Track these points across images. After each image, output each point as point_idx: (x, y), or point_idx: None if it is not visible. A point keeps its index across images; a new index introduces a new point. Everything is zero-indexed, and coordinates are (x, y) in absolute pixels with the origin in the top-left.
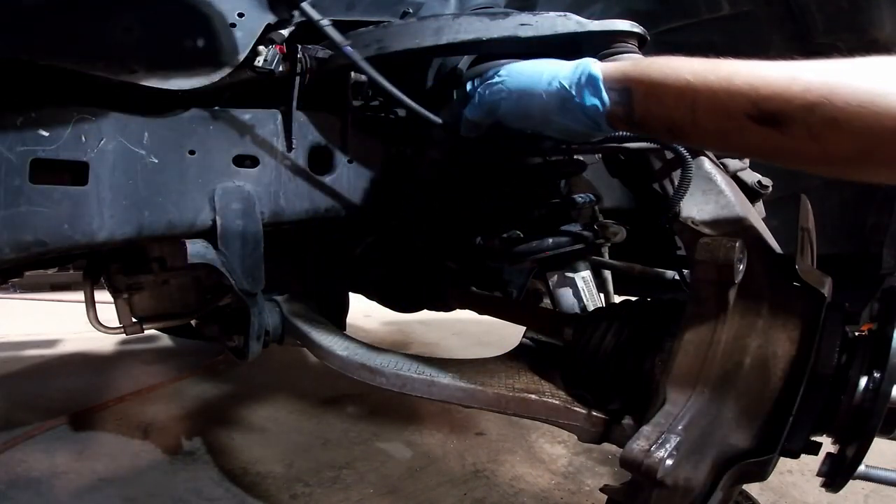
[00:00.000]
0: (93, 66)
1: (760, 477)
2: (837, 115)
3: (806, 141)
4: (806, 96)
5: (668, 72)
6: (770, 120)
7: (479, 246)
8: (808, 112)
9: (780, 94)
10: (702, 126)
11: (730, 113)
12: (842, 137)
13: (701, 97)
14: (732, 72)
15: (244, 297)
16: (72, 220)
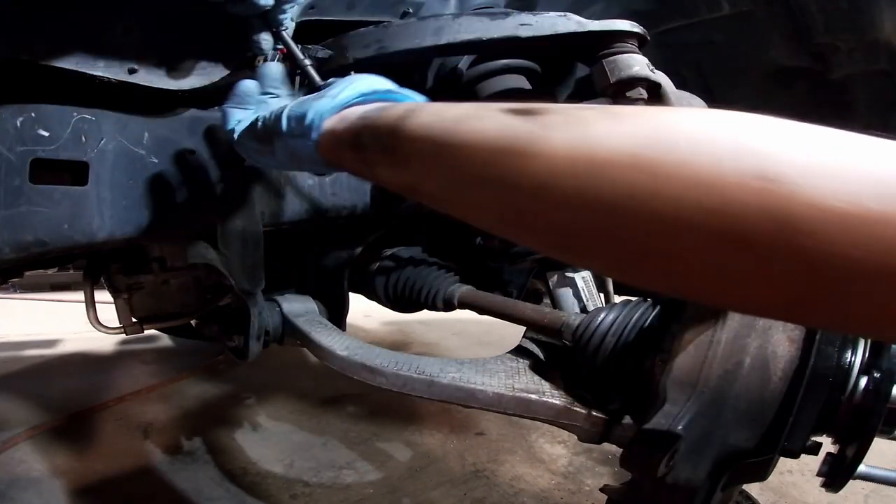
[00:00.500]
0: (93, 66)
1: (760, 477)
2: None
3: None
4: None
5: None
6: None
7: (479, 246)
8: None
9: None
10: (448, 112)
11: (489, 105)
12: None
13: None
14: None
15: (244, 297)
16: (72, 220)
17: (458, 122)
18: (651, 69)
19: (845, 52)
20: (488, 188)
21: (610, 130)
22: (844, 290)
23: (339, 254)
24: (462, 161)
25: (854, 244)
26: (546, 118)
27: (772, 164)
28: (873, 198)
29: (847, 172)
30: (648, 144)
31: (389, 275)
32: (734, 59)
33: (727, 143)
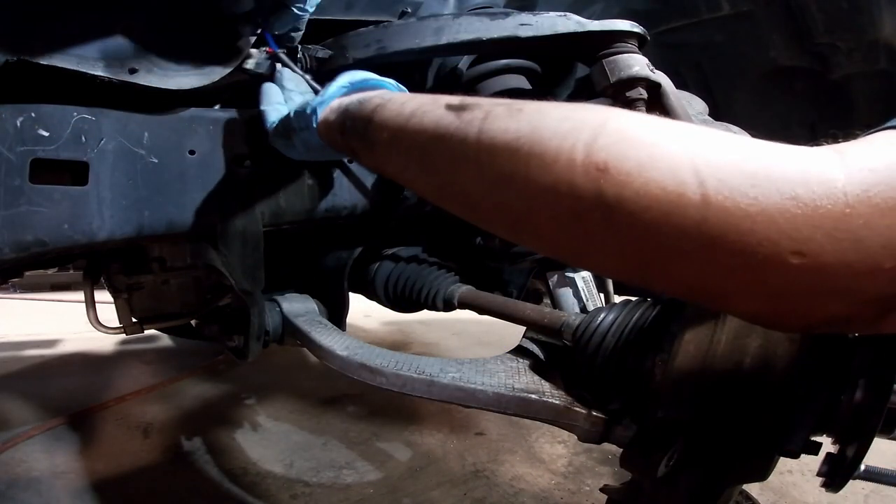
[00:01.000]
0: (93, 66)
1: (760, 477)
2: (525, 108)
3: (475, 122)
4: (496, 101)
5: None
6: (460, 106)
7: (479, 246)
8: (496, 105)
9: (485, 99)
10: (405, 108)
11: (436, 100)
12: (508, 123)
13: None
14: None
15: (244, 297)
16: (72, 220)
17: (409, 116)
18: (651, 69)
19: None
20: (427, 168)
21: (507, 125)
22: (664, 259)
23: (339, 254)
24: (410, 147)
25: (666, 223)
26: (468, 114)
27: (607, 157)
28: (680, 186)
29: (663, 161)
30: (529, 135)
31: (389, 275)
32: (734, 59)
33: (581, 137)
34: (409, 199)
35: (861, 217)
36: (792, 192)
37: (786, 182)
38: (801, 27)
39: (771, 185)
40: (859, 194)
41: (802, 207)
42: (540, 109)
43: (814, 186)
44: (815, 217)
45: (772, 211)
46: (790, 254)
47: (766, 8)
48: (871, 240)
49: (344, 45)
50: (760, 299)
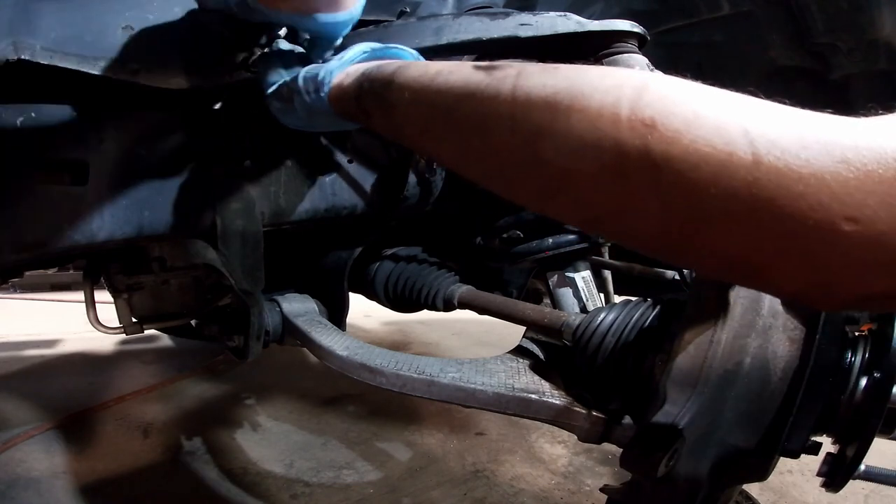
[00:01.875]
0: (94, 66)
1: (760, 477)
2: (560, 67)
3: (508, 79)
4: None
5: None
6: (489, 67)
7: (479, 246)
8: (528, 65)
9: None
10: (429, 69)
11: (462, 62)
12: (544, 78)
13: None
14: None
15: (244, 297)
16: (72, 220)
17: (435, 75)
18: (651, 69)
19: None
20: (453, 127)
21: (543, 81)
22: (709, 222)
23: (339, 254)
24: (434, 105)
25: (714, 182)
26: (499, 72)
27: (655, 113)
28: (729, 145)
29: (717, 124)
30: (568, 90)
31: (389, 275)
32: (734, 59)
33: (625, 94)
34: (409, 199)
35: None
36: (843, 155)
37: (836, 145)
38: (801, 27)
39: (822, 148)
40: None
41: (855, 171)
42: (577, 68)
43: (864, 151)
44: (868, 182)
45: (824, 174)
46: (843, 220)
47: (766, 8)
48: None
49: (344, 46)
50: (806, 271)
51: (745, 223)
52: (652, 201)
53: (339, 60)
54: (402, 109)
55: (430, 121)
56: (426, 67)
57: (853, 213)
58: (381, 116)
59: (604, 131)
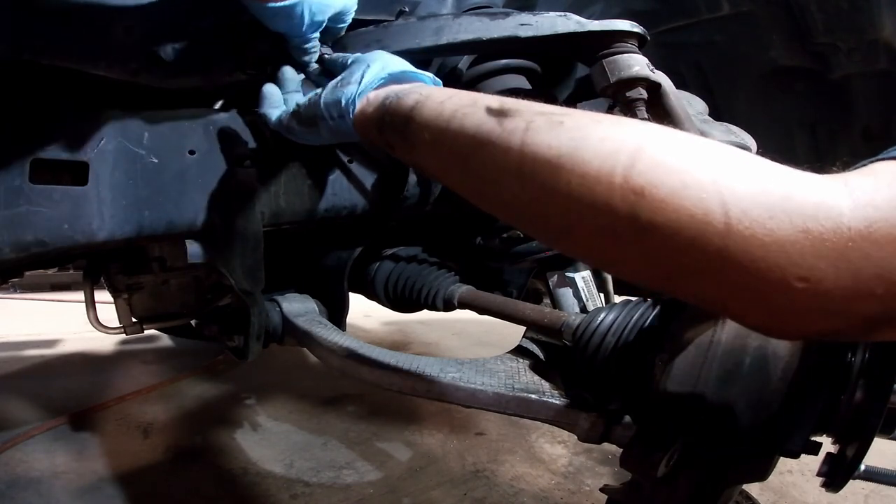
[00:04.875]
0: (94, 66)
1: (760, 477)
2: (566, 121)
3: (517, 132)
4: (550, 109)
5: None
6: (501, 111)
7: (479, 246)
8: (537, 114)
9: (523, 103)
10: (444, 108)
11: (475, 101)
12: (552, 134)
13: (468, 95)
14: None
15: (244, 297)
16: (72, 220)
17: (450, 118)
18: (651, 69)
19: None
20: (469, 175)
21: (549, 141)
22: (687, 274)
23: (339, 254)
24: (451, 151)
25: (691, 245)
26: (509, 122)
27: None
28: (707, 215)
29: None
30: (571, 154)
31: (389, 275)
32: (734, 59)
33: (621, 161)
34: (409, 199)
35: (861, 250)
36: (804, 224)
37: (800, 215)
38: (801, 27)
39: (786, 218)
40: (861, 229)
41: (811, 240)
42: (580, 126)
43: (823, 220)
44: (821, 249)
45: (784, 241)
46: (796, 279)
47: (766, 8)
48: (866, 270)
49: (344, 46)
50: (764, 314)
51: (715, 278)
52: (639, 255)
53: (357, 86)
54: (421, 149)
55: (449, 165)
56: (441, 105)
57: (805, 274)
58: (403, 151)
59: (599, 197)
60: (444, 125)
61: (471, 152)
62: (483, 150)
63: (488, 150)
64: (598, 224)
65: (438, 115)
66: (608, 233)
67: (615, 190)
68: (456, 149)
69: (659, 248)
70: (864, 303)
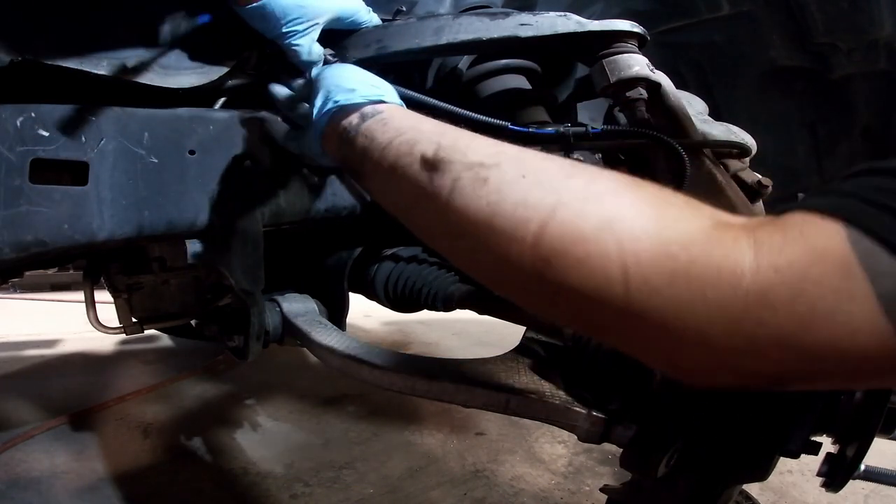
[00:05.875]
0: (95, 65)
1: (760, 477)
2: (490, 177)
3: (444, 191)
4: (480, 158)
5: (410, 114)
6: (433, 165)
7: None
8: (468, 167)
9: (460, 146)
10: (386, 155)
11: (412, 150)
12: (478, 194)
13: (409, 133)
14: (452, 129)
15: (244, 297)
16: (72, 220)
17: (391, 168)
18: (651, 69)
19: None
20: (413, 226)
21: (467, 202)
22: (595, 326)
23: (339, 254)
24: (395, 203)
25: (594, 305)
26: (438, 177)
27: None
28: (609, 281)
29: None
30: (488, 219)
31: (389, 275)
32: (734, 59)
33: (531, 230)
34: None
35: (756, 316)
36: (702, 292)
37: (699, 281)
38: (801, 27)
39: (685, 284)
40: (759, 295)
41: (707, 306)
42: (500, 187)
43: (722, 287)
44: (718, 315)
45: (681, 307)
46: (692, 342)
47: (766, 8)
48: (761, 334)
49: (344, 46)
50: (669, 368)
51: (621, 334)
52: (556, 312)
53: (316, 113)
54: (373, 194)
55: (395, 212)
56: (383, 154)
57: (700, 338)
58: (361, 181)
59: (511, 259)
60: (386, 174)
61: (408, 206)
62: (417, 207)
63: (422, 207)
64: (517, 281)
65: (381, 164)
66: (522, 287)
67: (525, 256)
68: (397, 200)
69: (566, 304)
70: (762, 364)
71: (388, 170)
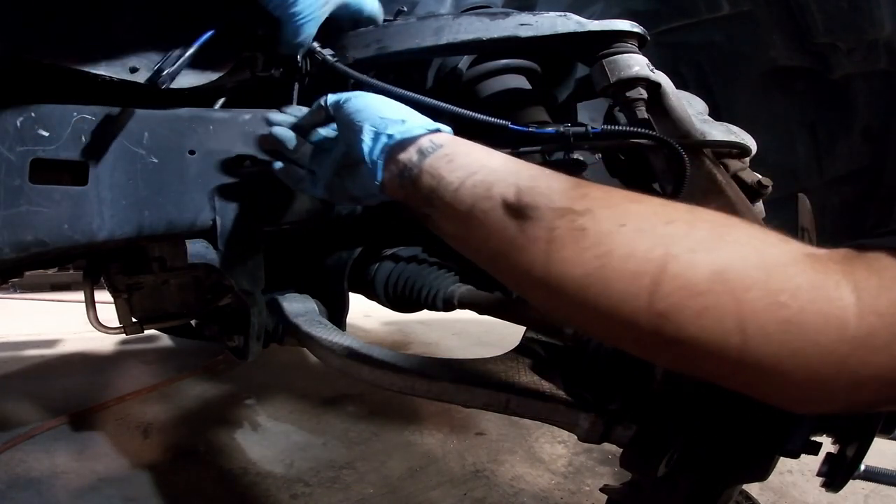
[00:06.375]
0: (95, 65)
1: (760, 477)
2: (588, 226)
3: (540, 243)
4: (569, 202)
5: (474, 147)
6: (519, 211)
7: None
8: (560, 214)
9: (541, 187)
10: (459, 198)
11: (490, 192)
12: (581, 250)
13: (481, 171)
14: (525, 166)
15: (244, 297)
16: (72, 220)
17: (469, 214)
18: (651, 69)
19: (845, 52)
20: (495, 271)
21: (573, 257)
22: (710, 376)
23: (339, 254)
24: (476, 251)
25: (710, 359)
26: (531, 227)
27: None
28: (726, 336)
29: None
30: (598, 277)
31: (389, 275)
32: (734, 59)
33: (644, 285)
34: None
35: (860, 358)
36: (814, 339)
37: (811, 329)
38: (801, 27)
39: (799, 333)
40: (863, 339)
41: (819, 350)
42: (602, 238)
43: (831, 333)
44: (827, 357)
45: (797, 353)
46: (802, 380)
47: (766, 8)
48: (864, 372)
49: (344, 46)
50: (778, 402)
51: (735, 378)
52: (667, 360)
53: (369, 150)
54: (449, 238)
55: (477, 259)
56: (457, 197)
57: (811, 377)
58: (435, 230)
59: (627, 317)
60: (464, 221)
61: (495, 256)
62: (507, 258)
63: (514, 259)
64: (627, 335)
65: (456, 208)
66: (635, 341)
67: (641, 313)
68: (480, 248)
69: (681, 357)
70: (861, 394)
71: (466, 215)
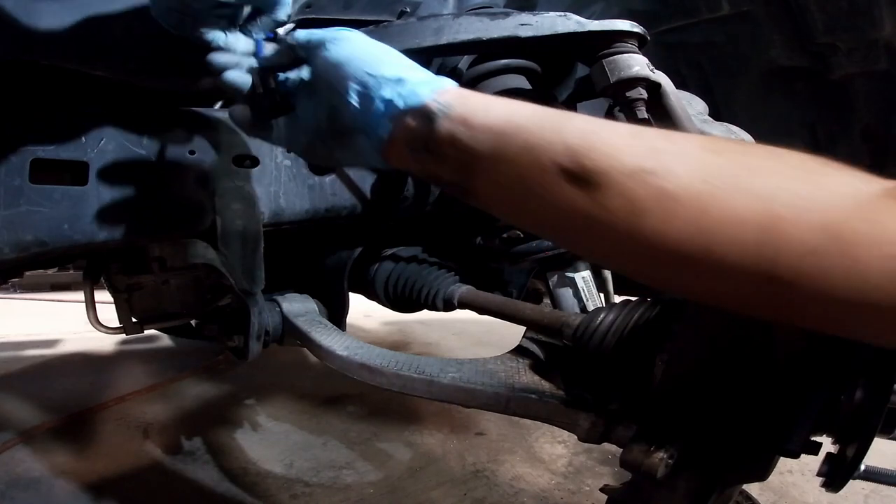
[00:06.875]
0: (94, 66)
1: (760, 477)
2: (671, 188)
3: (622, 213)
4: (637, 159)
5: (489, 100)
6: (584, 179)
7: (479, 246)
8: (632, 177)
9: (597, 144)
10: (502, 170)
11: (539, 159)
12: (671, 217)
13: (517, 134)
14: (561, 116)
15: (244, 297)
16: (72, 220)
17: (517, 185)
18: (651, 69)
19: (845, 52)
20: (561, 241)
21: (665, 226)
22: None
23: (339, 254)
24: (536, 222)
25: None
26: (603, 197)
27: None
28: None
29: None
30: (705, 245)
31: (389, 275)
32: (734, 59)
33: (765, 252)
34: (409, 199)
35: None
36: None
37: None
38: (801, 27)
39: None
40: None
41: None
42: (692, 203)
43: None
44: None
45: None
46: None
47: (766, 8)
48: None
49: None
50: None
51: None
52: (777, 312)
53: (368, 115)
54: (497, 212)
55: (541, 232)
56: (494, 165)
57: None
58: (476, 205)
59: (740, 279)
60: (511, 193)
61: (564, 229)
62: (581, 232)
63: (589, 232)
64: (746, 294)
65: (496, 180)
66: (757, 304)
67: (757, 277)
68: (542, 222)
69: (822, 317)
70: None
71: (513, 188)
